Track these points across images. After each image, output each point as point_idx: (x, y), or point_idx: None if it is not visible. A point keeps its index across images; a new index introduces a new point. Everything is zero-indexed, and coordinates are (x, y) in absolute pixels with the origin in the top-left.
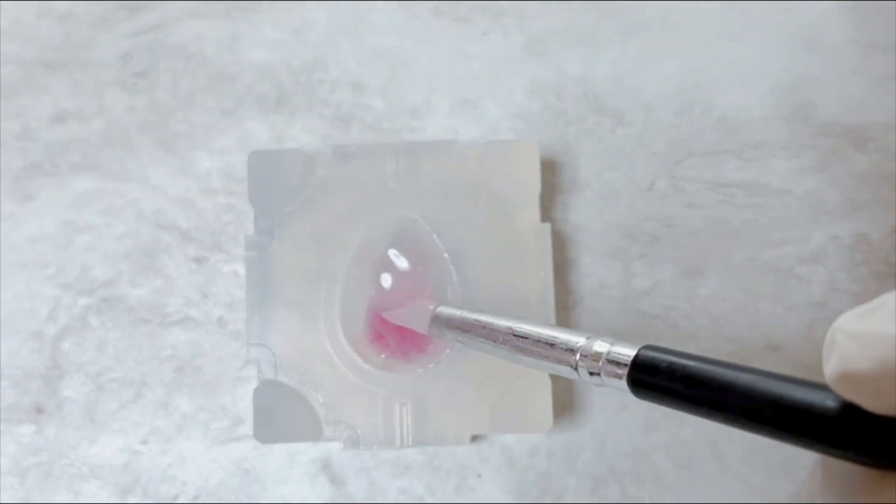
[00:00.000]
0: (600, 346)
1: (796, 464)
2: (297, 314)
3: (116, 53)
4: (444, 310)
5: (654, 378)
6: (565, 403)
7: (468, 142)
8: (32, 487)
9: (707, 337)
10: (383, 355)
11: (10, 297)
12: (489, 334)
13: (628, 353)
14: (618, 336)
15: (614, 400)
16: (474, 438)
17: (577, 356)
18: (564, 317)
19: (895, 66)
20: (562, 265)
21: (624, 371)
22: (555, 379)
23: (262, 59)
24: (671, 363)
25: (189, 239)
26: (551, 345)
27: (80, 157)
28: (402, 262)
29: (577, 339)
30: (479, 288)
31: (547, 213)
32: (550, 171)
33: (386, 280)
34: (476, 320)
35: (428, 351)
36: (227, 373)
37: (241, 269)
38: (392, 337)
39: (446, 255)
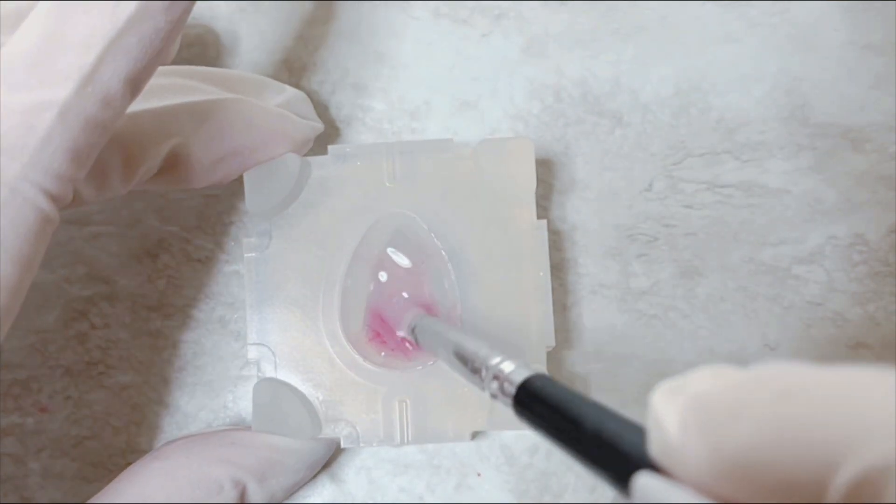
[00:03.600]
0: (500, 371)
1: None
2: (297, 314)
3: None
4: (424, 322)
5: (530, 405)
6: None
7: (464, 140)
8: (36, 487)
9: (705, 337)
10: (383, 353)
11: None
12: (441, 352)
13: (516, 380)
14: (616, 336)
15: (613, 399)
16: (475, 435)
17: (483, 375)
18: (563, 317)
19: (893, 67)
20: (560, 265)
21: (510, 397)
22: (554, 376)
23: (262, 61)
24: (546, 396)
25: (190, 239)
26: (467, 363)
27: None
28: (400, 261)
29: (490, 360)
30: (477, 286)
31: (546, 213)
32: (549, 172)
33: (384, 279)
34: (433, 332)
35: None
36: (229, 372)
37: (243, 270)
38: (391, 335)
39: (444, 253)
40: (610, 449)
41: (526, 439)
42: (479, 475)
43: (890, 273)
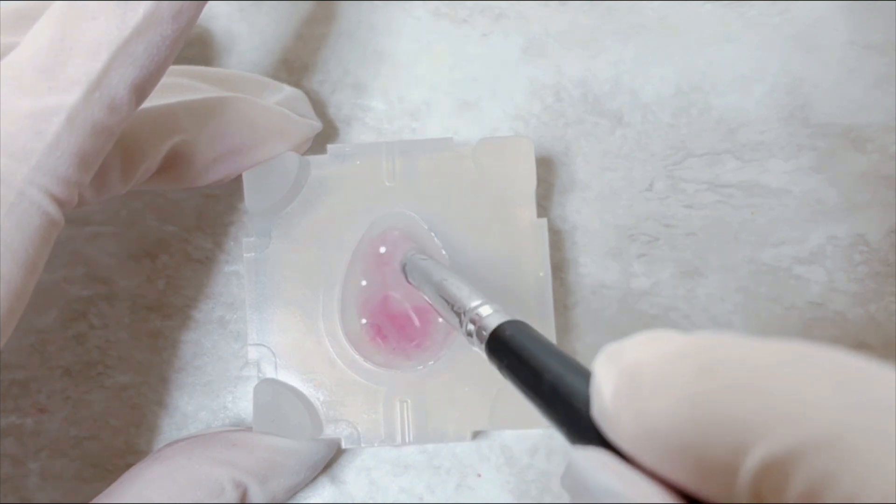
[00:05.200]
0: (477, 315)
1: None
2: (297, 314)
3: None
4: (414, 259)
5: (499, 352)
6: None
7: (464, 139)
8: (35, 488)
9: None
10: (383, 353)
11: None
12: (424, 284)
13: (490, 325)
14: (617, 336)
15: None
16: (475, 435)
17: (462, 318)
18: (564, 316)
19: (893, 67)
20: (561, 265)
21: (483, 341)
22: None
23: (262, 60)
24: (515, 344)
25: (190, 239)
26: (448, 304)
27: None
28: (400, 261)
29: (470, 303)
30: (477, 286)
31: (546, 212)
32: (550, 172)
33: (384, 278)
34: (421, 269)
35: (426, 348)
36: (228, 372)
37: (242, 270)
38: (391, 334)
39: (444, 252)
40: (564, 405)
41: (526, 440)
42: (479, 476)
43: (890, 273)
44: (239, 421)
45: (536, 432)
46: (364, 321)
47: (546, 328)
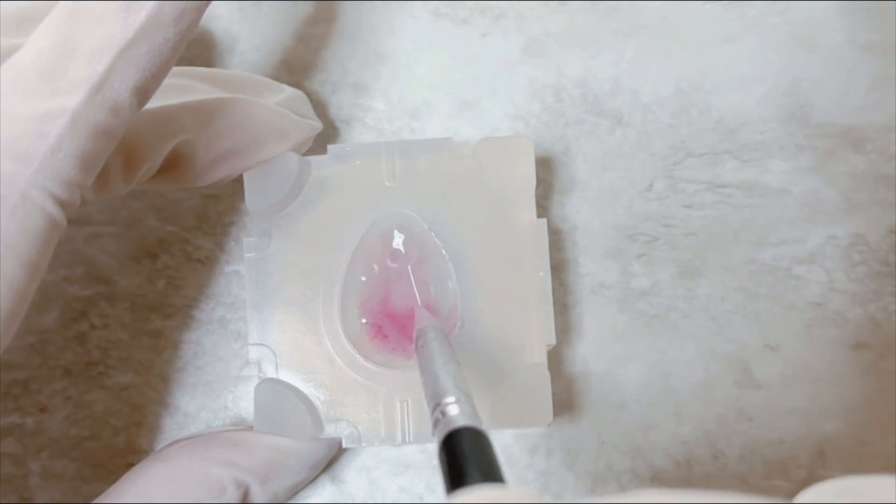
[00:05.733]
0: (445, 409)
1: (794, 462)
2: (297, 313)
3: None
4: (428, 335)
5: (446, 450)
6: (565, 402)
7: (464, 139)
8: (36, 488)
9: (705, 337)
10: (383, 352)
11: None
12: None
13: (451, 424)
14: (617, 336)
15: (613, 399)
16: None
17: (434, 407)
18: (563, 316)
19: (893, 68)
20: (561, 265)
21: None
22: (554, 376)
23: (262, 61)
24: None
25: (190, 239)
26: (430, 389)
27: None
28: (400, 260)
29: (447, 405)
30: (477, 286)
31: (546, 212)
32: (549, 172)
33: (385, 278)
34: (425, 351)
35: None
36: (229, 372)
37: (243, 270)
38: (392, 333)
39: (444, 252)
40: None
41: (526, 439)
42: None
43: (890, 273)
44: (240, 420)
45: (536, 432)
46: (364, 321)
47: (546, 328)
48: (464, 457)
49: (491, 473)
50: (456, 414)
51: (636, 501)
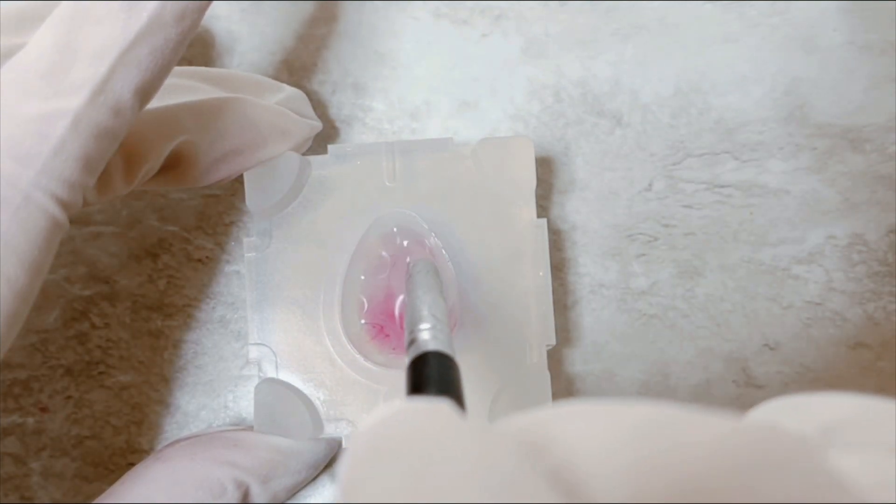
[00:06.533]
0: (418, 333)
1: None
2: (298, 313)
3: None
4: (418, 266)
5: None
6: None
7: (464, 139)
8: (36, 487)
9: (705, 336)
10: (383, 352)
11: None
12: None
13: (414, 354)
14: (616, 336)
15: (613, 399)
16: None
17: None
18: (563, 316)
19: (892, 68)
20: (560, 265)
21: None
22: (554, 376)
23: (262, 61)
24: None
25: (191, 239)
26: (410, 313)
27: None
28: (400, 260)
29: (421, 330)
30: (477, 285)
31: (546, 212)
32: (549, 172)
33: (385, 278)
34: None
35: None
36: (229, 372)
37: (243, 270)
38: (393, 332)
39: (444, 252)
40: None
41: None
42: None
43: (889, 273)
44: (240, 420)
45: None
46: (364, 321)
47: (546, 328)
48: (425, 377)
49: (447, 393)
50: (427, 339)
51: (568, 410)
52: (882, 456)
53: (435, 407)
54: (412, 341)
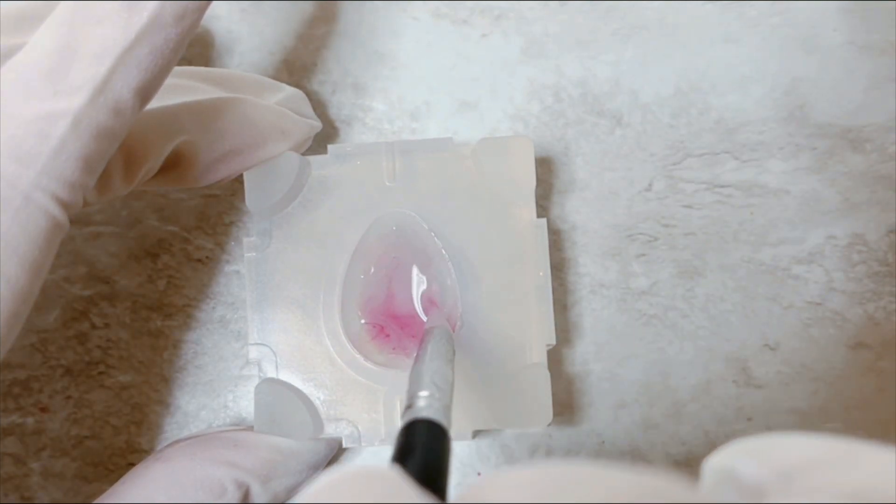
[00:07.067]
0: (416, 399)
1: None
2: (298, 313)
3: None
4: (430, 330)
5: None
6: (564, 402)
7: (464, 139)
8: (36, 487)
9: (705, 336)
10: (384, 352)
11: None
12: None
13: (408, 419)
14: (616, 336)
15: (612, 399)
16: (476, 434)
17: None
18: (563, 316)
19: (892, 68)
20: (560, 265)
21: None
22: (554, 376)
23: (262, 61)
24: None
25: (191, 239)
26: (413, 378)
27: None
28: (400, 260)
29: (420, 396)
30: (477, 285)
31: (546, 212)
32: (549, 172)
33: (385, 278)
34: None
35: None
36: (229, 372)
37: (243, 270)
38: (394, 332)
39: (444, 252)
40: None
41: (526, 439)
42: (479, 475)
43: (889, 273)
44: (240, 420)
45: (536, 432)
46: (364, 321)
47: (546, 328)
48: (412, 443)
49: (434, 467)
50: (422, 406)
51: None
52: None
53: (383, 473)
54: (409, 406)
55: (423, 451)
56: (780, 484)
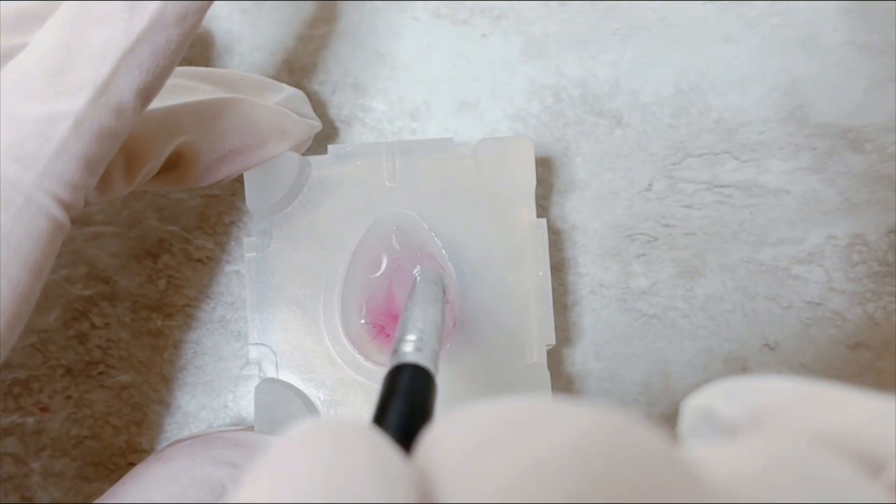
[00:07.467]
0: (402, 343)
1: None
2: (298, 313)
3: None
4: (425, 277)
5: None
6: None
7: (464, 139)
8: (37, 487)
9: (705, 336)
10: (384, 352)
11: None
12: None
13: (400, 359)
14: (616, 336)
15: (613, 399)
16: None
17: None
18: (563, 316)
19: (892, 68)
20: (560, 265)
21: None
22: (554, 376)
23: (262, 61)
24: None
25: (191, 239)
26: (402, 322)
27: None
28: (400, 260)
29: (405, 340)
30: (477, 285)
31: (545, 212)
32: (549, 172)
33: (385, 278)
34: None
35: None
36: (229, 371)
37: (243, 270)
38: (393, 333)
39: (444, 252)
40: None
41: None
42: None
43: (889, 273)
44: (240, 420)
45: None
46: (364, 321)
47: (546, 328)
48: (397, 388)
49: (417, 412)
50: (408, 351)
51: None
52: (776, 444)
53: (351, 427)
54: (395, 351)
55: (406, 397)
56: (752, 423)
